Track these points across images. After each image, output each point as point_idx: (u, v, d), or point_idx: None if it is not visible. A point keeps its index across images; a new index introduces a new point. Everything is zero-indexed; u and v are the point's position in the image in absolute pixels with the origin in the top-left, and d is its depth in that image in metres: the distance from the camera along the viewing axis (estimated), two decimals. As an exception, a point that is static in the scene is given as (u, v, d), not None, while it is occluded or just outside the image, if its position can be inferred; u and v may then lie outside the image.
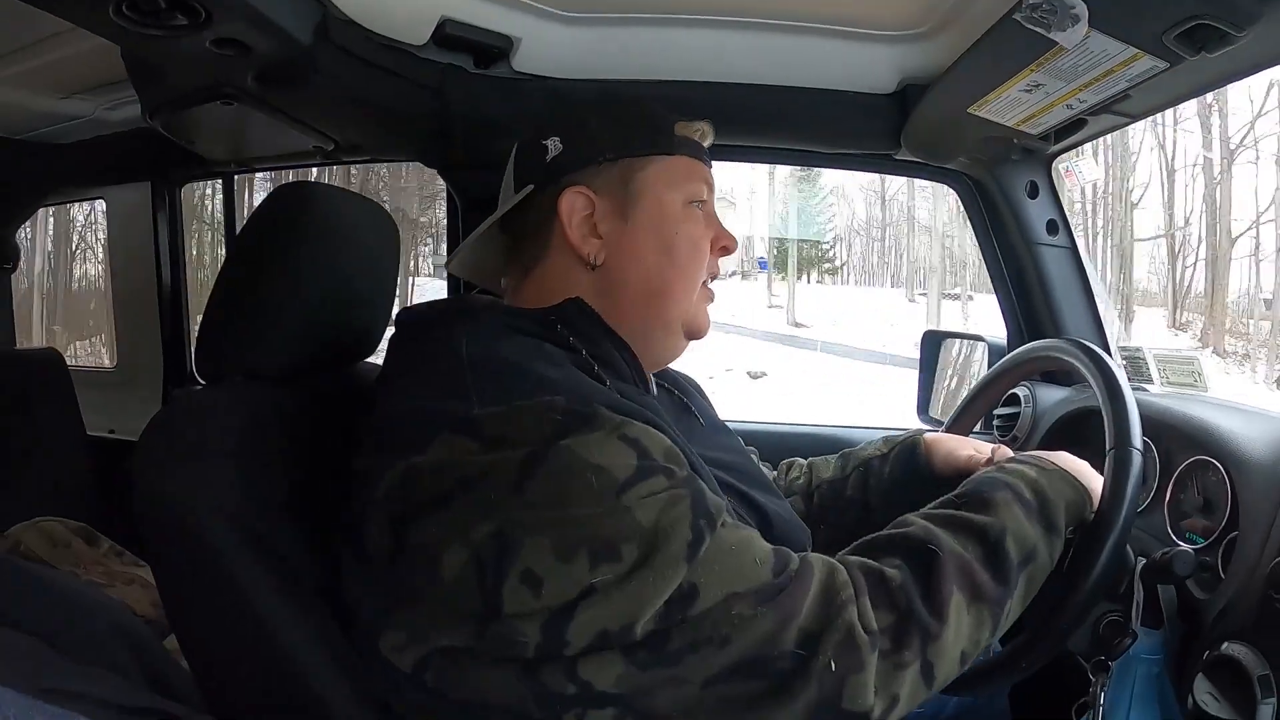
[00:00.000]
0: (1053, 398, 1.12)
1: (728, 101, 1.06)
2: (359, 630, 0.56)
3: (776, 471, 0.95)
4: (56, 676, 0.62)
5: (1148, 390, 1.05)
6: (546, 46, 1.01)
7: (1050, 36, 0.73)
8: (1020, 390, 1.13)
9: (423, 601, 0.52)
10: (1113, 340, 1.18)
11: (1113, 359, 0.79)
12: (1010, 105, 0.90)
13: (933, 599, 0.56)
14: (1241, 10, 0.64)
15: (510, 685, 0.51)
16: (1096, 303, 1.19)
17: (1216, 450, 0.80)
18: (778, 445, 1.08)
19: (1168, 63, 0.73)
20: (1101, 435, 0.70)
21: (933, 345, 1.31)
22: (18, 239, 1.83)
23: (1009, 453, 0.80)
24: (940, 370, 1.29)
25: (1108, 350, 1.08)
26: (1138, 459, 0.67)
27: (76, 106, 1.44)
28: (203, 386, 0.67)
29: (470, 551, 0.49)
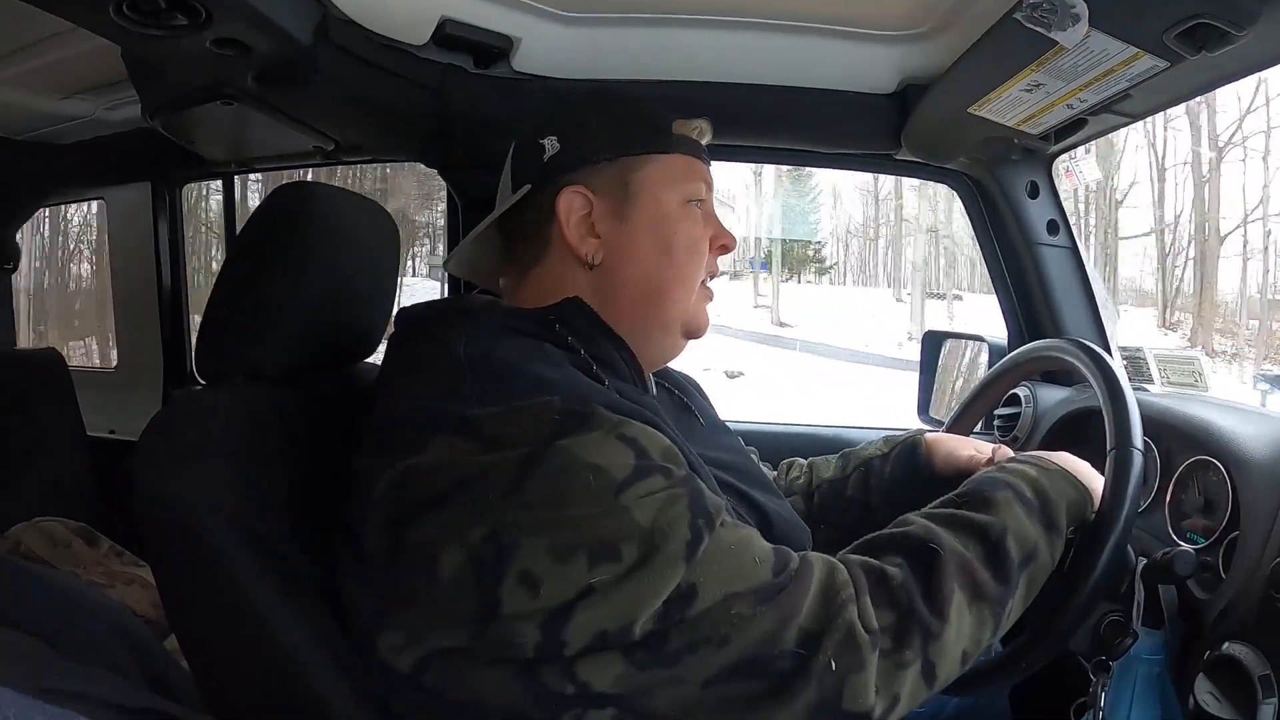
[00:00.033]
0: (1053, 398, 1.11)
1: (728, 102, 1.06)
2: (357, 631, 0.56)
3: (776, 471, 0.95)
4: (56, 676, 0.62)
5: (1148, 390, 1.05)
6: (546, 46, 1.01)
7: (1050, 36, 0.73)
8: (1021, 390, 1.13)
9: (420, 602, 0.52)
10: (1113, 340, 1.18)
11: (1113, 359, 0.79)
12: (1011, 105, 0.90)
13: (934, 598, 0.56)
14: (1242, 10, 0.64)
15: (508, 686, 0.51)
16: (1097, 303, 1.19)
17: (1217, 450, 0.80)
18: (778, 445, 1.08)
19: (1168, 62, 0.73)
20: (1102, 435, 0.70)
21: (933, 346, 1.30)
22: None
23: (1010, 453, 0.80)
24: (941, 370, 1.29)
25: (1108, 350, 1.08)
26: (1139, 459, 0.67)
27: (77, 107, 1.44)
28: (203, 386, 0.67)
29: (468, 552, 0.49)
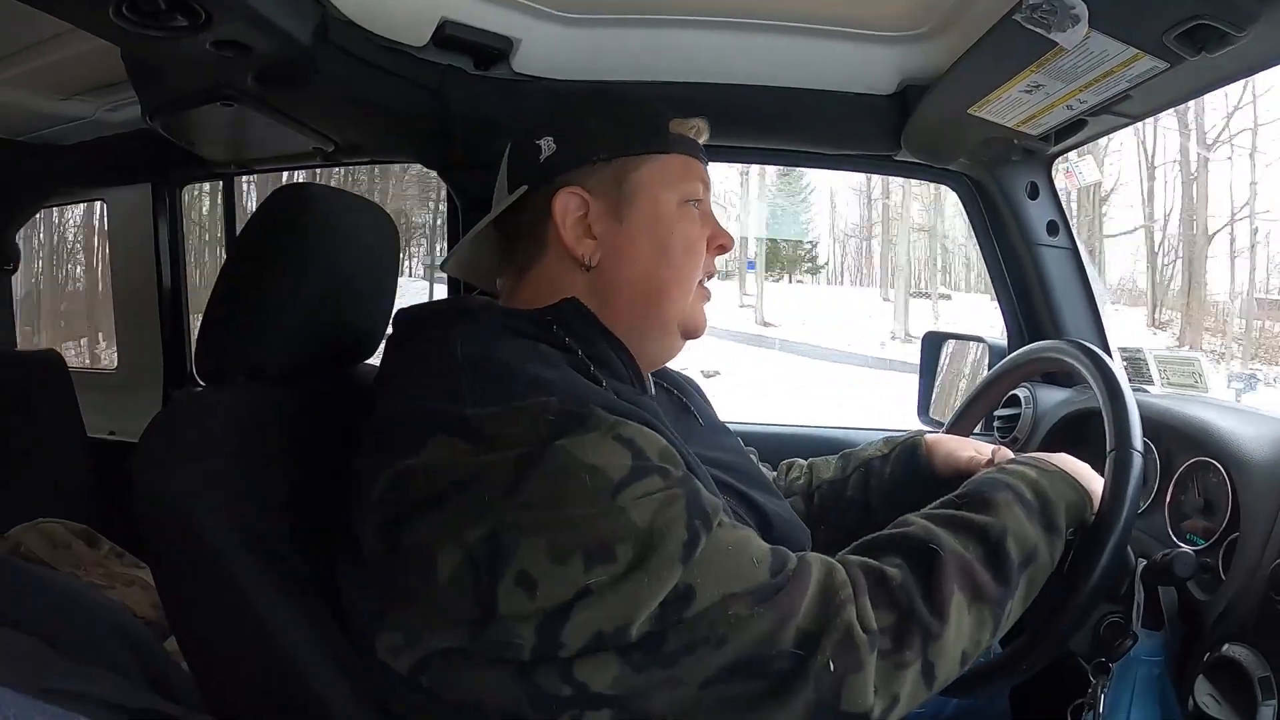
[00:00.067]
0: (1053, 399, 1.11)
1: (728, 103, 1.06)
2: (357, 631, 0.56)
3: (776, 472, 0.95)
4: (56, 676, 0.62)
5: (1148, 391, 1.04)
6: (546, 47, 1.01)
7: (1050, 37, 0.73)
8: (1021, 391, 1.13)
9: (417, 603, 0.52)
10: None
11: (1113, 360, 0.79)
12: (1010, 106, 0.90)
13: (934, 598, 0.56)
14: (1241, 10, 0.64)
15: (505, 687, 0.51)
16: (1097, 303, 1.19)
17: (1217, 451, 0.80)
18: (777, 446, 1.08)
19: (1168, 63, 0.73)
20: (1102, 436, 0.70)
21: (933, 346, 1.30)
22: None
23: (1009, 454, 0.80)
24: (941, 371, 1.29)
25: (1108, 351, 1.08)
26: (1138, 460, 0.67)
27: (77, 108, 1.44)
28: (203, 387, 0.67)
29: (464, 553, 0.49)
